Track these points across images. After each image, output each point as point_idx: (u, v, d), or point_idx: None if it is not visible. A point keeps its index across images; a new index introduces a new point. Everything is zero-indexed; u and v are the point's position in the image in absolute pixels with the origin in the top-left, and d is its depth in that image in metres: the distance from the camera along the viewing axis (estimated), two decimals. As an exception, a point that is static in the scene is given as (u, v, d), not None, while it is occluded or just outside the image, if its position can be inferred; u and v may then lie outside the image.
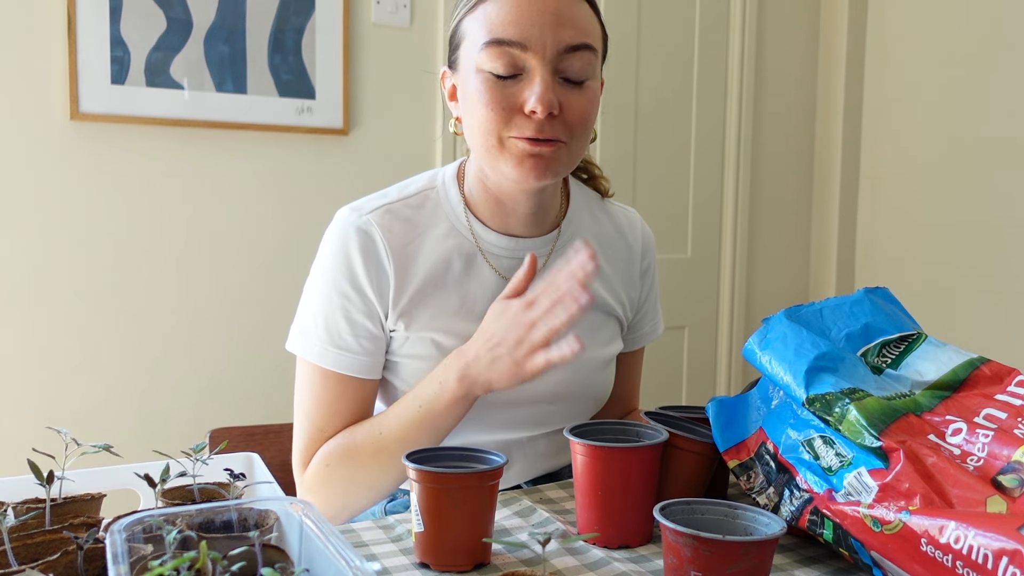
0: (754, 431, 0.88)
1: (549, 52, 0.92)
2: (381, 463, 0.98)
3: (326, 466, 1.00)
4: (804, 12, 2.79)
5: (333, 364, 1.00)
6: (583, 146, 0.98)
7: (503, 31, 0.92)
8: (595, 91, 0.97)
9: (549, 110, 0.91)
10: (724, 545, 0.65)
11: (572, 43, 0.92)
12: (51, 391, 1.86)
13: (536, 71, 0.92)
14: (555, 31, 0.92)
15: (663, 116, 2.58)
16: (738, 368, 2.79)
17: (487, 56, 0.93)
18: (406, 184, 1.08)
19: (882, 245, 2.73)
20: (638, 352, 1.24)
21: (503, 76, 0.93)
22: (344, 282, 1.00)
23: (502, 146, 0.95)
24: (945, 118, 2.51)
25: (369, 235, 1.00)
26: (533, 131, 0.92)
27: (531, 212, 1.04)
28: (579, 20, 0.94)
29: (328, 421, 1.02)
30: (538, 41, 0.91)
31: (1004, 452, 0.72)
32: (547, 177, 0.96)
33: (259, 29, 1.97)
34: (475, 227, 1.05)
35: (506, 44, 0.92)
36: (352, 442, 0.99)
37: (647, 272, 1.18)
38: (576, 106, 0.94)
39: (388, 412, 0.99)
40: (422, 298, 1.01)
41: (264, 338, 2.02)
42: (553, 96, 0.92)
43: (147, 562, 0.57)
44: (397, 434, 0.96)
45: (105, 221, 1.88)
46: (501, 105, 0.93)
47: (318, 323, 1.01)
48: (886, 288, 0.95)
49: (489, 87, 0.93)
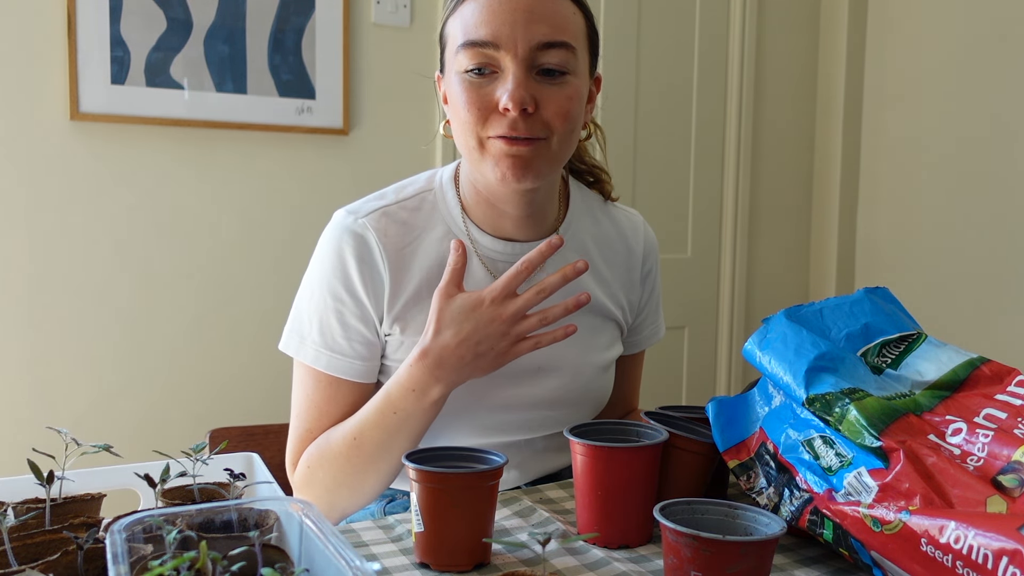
0: (754, 431, 0.88)
1: (521, 50, 0.91)
2: (358, 468, 0.97)
3: (307, 467, 1.01)
4: (804, 12, 2.79)
5: (326, 367, 1.00)
6: (568, 143, 0.97)
7: (476, 32, 0.92)
8: (577, 88, 0.95)
9: (522, 106, 0.91)
10: (724, 545, 0.65)
11: (545, 40, 0.92)
12: (51, 391, 1.86)
13: (509, 69, 0.92)
14: (527, 28, 0.91)
15: (663, 116, 2.58)
16: (738, 368, 2.79)
17: (464, 58, 0.93)
18: (403, 185, 1.07)
19: (882, 245, 2.73)
20: (638, 355, 1.24)
21: (479, 76, 0.93)
22: (339, 286, 1.00)
23: (482, 147, 0.95)
24: (945, 118, 2.51)
25: (364, 239, 1.00)
26: (508, 128, 0.92)
27: (524, 215, 1.03)
28: (554, 16, 0.93)
29: (317, 422, 1.02)
30: (509, 39, 0.91)
31: (1004, 452, 0.72)
32: (528, 178, 0.95)
33: (259, 29, 1.97)
34: (471, 230, 1.04)
35: (479, 45, 0.92)
36: (330, 446, 0.99)
37: (649, 276, 1.17)
38: (554, 102, 0.93)
39: (363, 418, 0.97)
40: (417, 302, 1.01)
41: (264, 338, 2.02)
42: (525, 93, 0.91)
43: (147, 562, 0.57)
44: (375, 439, 0.95)
45: (105, 221, 1.88)
46: (477, 105, 0.93)
47: (312, 325, 1.01)
48: (886, 288, 0.95)
49: (466, 88, 0.94)
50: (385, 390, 0.96)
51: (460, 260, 0.92)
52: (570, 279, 0.90)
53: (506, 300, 0.90)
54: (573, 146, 0.99)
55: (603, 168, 1.18)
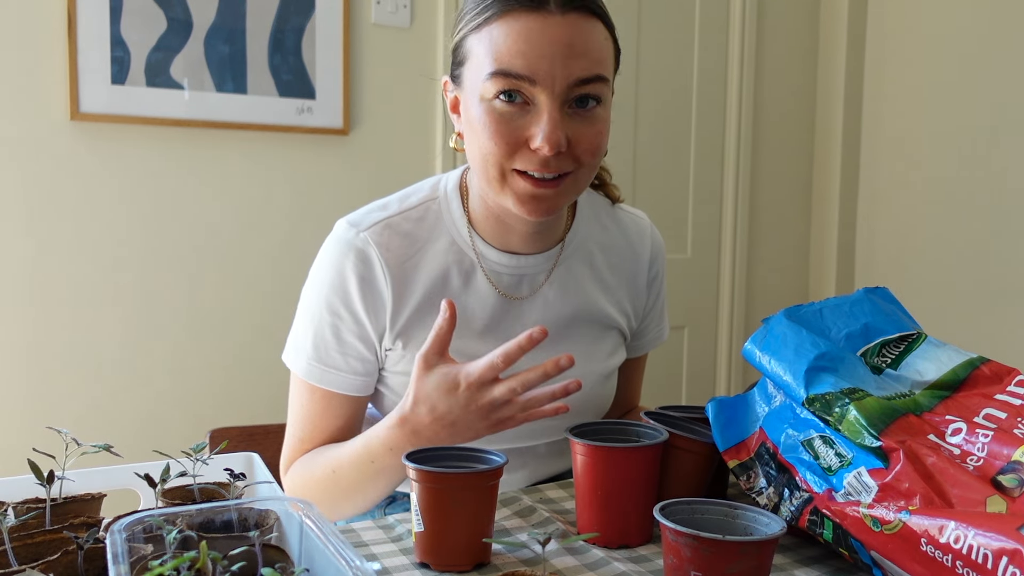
0: (754, 431, 0.88)
1: (559, 87, 0.86)
2: (335, 497, 0.97)
3: (291, 482, 1.02)
4: (804, 12, 2.79)
5: (319, 380, 0.99)
6: (592, 173, 0.94)
7: (510, 63, 0.86)
8: (605, 119, 0.92)
9: (557, 149, 0.87)
10: (724, 545, 0.65)
11: (584, 76, 0.87)
12: (51, 391, 1.86)
13: (544, 107, 0.87)
14: (565, 64, 0.86)
15: (663, 116, 2.58)
16: (738, 368, 2.79)
17: (492, 85, 0.87)
18: (407, 194, 1.05)
19: (882, 245, 2.73)
20: (641, 357, 1.23)
21: (508, 105, 0.88)
22: (337, 302, 0.98)
23: (504, 179, 0.91)
24: (945, 117, 2.51)
25: (366, 255, 0.98)
26: (538, 165, 0.88)
27: (535, 231, 1.01)
28: (592, 50, 0.88)
29: (309, 434, 1.02)
30: (547, 75, 0.86)
31: (1004, 452, 0.72)
32: (550, 214, 0.93)
33: (259, 29, 1.97)
34: (476, 243, 1.02)
35: (513, 76, 0.86)
36: (310, 470, 0.99)
37: (655, 280, 1.16)
38: (586, 138, 0.90)
39: (343, 455, 0.96)
40: (421, 316, 0.99)
41: (264, 338, 2.02)
42: (561, 134, 0.87)
43: (147, 562, 0.57)
44: (351, 479, 0.95)
45: (105, 221, 1.88)
46: (505, 139, 0.88)
47: (307, 338, 1.00)
48: (886, 288, 0.95)
49: (494, 119, 0.88)
50: (366, 437, 0.93)
51: (447, 325, 0.85)
52: (551, 375, 0.82)
53: (482, 388, 0.83)
54: (596, 171, 0.96)
55: (606, 169, 1.16)
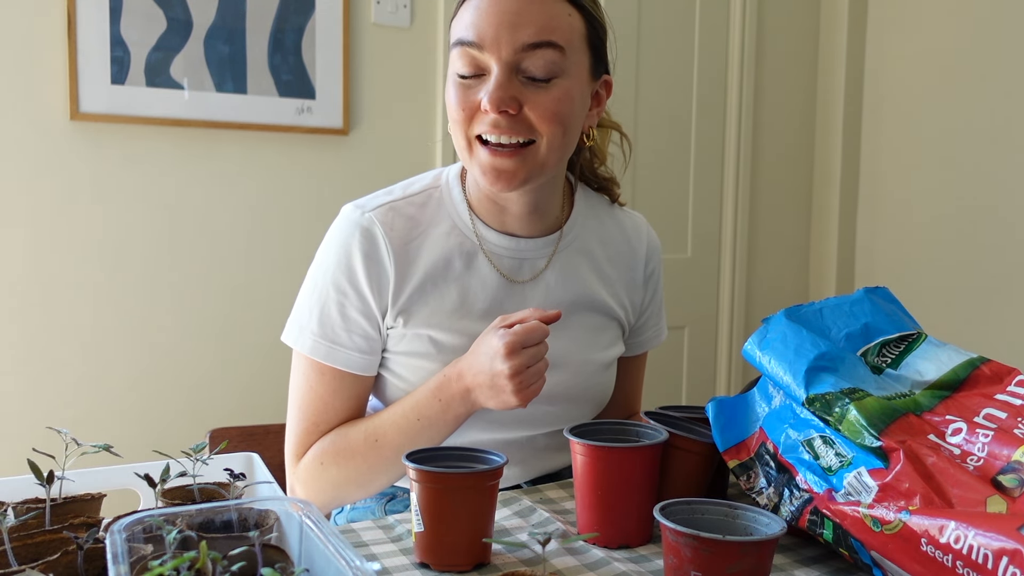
0: (754, 431, 0.88)
1: (505, 52, 0.93)
2: (375, 468, 0.99)
3: (320, 464, 1.01)
4: (804, 12, 2.79)
5: (324, 357, 1.01)
6: (560, 146, 0.98)
7: (464, 32, 0.95)
8: (567, 89, 0.96)
9: (500, 108, 0.92)
10: (724, 545, 0.65)
11: (530, 41, 0.93)
12: (51, 391, 1.86)
13: (492, 70, 0.94)
14: (512, 31, 0.92)
15: (663, 116, 2.58)
16: (738, 368, 2.79)
17: (454, 57, 0.96)
18: (411, 182, 1.09)
19: (882, 245, 2.73)
20: (640, 357, 1.24)
21: (467, 76, 0.96)
22: (343, 279, 1.01)
23: (470, 147, 0.98)
24: (945, 117, 2.51)
25: (371, 233, 1.01)
26: (490, 127, 0.94)
27: (527, 211, 1.05)
28: (542, 18, 0.93)
29: (322, 416, 1.02)
30: (493, 41, 0.93)
31: (1004, 452, 0.72)
32: (513, 184, 0.97)
33: (259, 29, 1.97)
34: (477, 226, 1.05)
35: (466, 45, 0.95)
36: (347, 445, 1.00)
37: (651, 277, 1.18)
38: (541, 104, 0.94)
39: (383, 419, 1.00)
40: (421, 295, 1.02)
41: (265, 337, 2.02)
42: (504, 94, 0.92)
43: (147, 562, 0.57)
44: (395, 443, 0.98)
45: (105, 221, 1.88)
46: (462, 105, 0.96)
47: (312, 316, 1.02)
48: (886, 288, 0.95)
49: (455, 87, 0.97)
50: (404, 399, 0.99)
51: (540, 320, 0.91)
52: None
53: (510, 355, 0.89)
54: (567, 149, 1.00)
55: (615, 181, 1.19)
